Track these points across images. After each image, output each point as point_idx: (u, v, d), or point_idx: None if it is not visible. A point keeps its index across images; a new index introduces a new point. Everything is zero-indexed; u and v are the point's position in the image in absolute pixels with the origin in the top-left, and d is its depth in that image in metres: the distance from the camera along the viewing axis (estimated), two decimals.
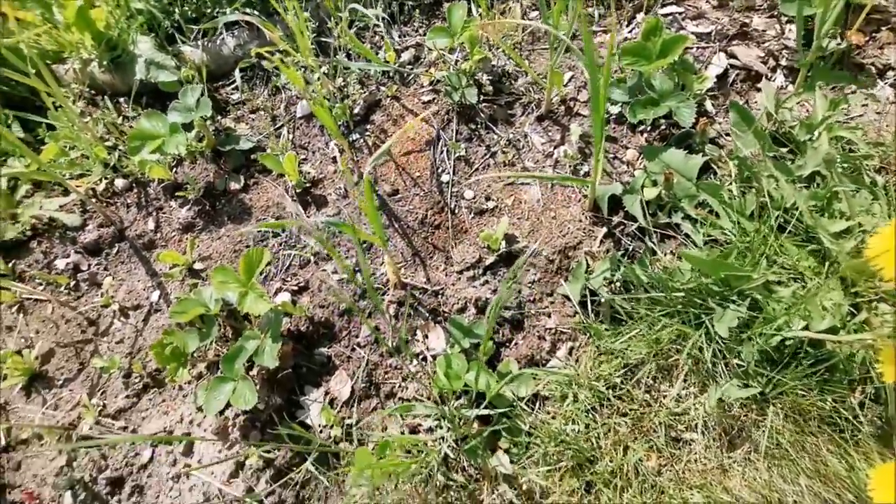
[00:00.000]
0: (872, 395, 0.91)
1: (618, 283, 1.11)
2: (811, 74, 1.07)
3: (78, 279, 1.32)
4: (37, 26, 1.43)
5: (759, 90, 1.31)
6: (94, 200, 1.40)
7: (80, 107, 1.51)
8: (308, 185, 1.35)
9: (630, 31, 1.44)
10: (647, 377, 1.05)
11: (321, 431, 1.11)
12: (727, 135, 1.26)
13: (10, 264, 1.35)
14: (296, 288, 1.24)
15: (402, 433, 1.11)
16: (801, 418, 0.93)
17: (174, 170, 1.43)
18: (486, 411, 1.03)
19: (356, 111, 1.40)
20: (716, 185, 1.09)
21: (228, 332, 1.21)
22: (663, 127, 1.26)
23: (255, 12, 1.45)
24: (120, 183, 1.43)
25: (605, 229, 1.19)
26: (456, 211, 1.28)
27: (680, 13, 1.45)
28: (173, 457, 1.11)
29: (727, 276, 0.94)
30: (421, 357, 1.16)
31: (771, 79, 1.33)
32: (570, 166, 1.27)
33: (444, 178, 1.31)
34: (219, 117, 1.49)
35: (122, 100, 1.52)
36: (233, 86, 1.52)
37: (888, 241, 0.70)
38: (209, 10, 1.51)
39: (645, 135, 1.27)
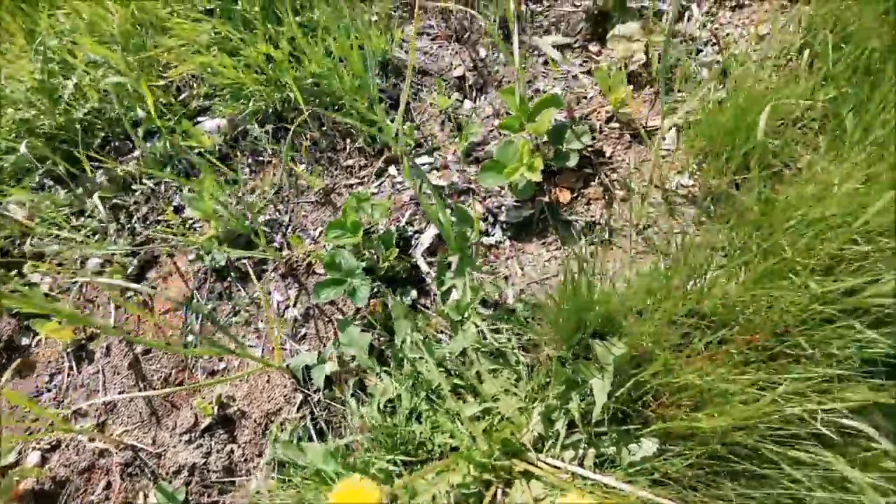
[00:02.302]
0: None
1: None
2: (459, 262, 1.16)
3: None
4: None
5: (482, 246, 1.39)
6: None
7: None
8: (84, 341, 1.51)
9: (378, 186, 1.54)
10: None
11: None
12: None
13: None
14: (48, 446, 1.38)
15: None
16: None
17: None
18: None
19: (130, 270, 1.56)
20: (382, 363, 1.18)
21: None
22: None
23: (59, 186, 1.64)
24: None
25: (301, 397, 1.29)
26: (194, 371, 1.40)
27: (431, 162, 1.55)
28: None
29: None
30: None
31: (491, 234, 1.40)
32: (292, 329, 1.38)
33: (190, 337, 1.44)
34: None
35: None
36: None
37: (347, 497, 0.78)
38: (24, 176, 1.72)
39: None
